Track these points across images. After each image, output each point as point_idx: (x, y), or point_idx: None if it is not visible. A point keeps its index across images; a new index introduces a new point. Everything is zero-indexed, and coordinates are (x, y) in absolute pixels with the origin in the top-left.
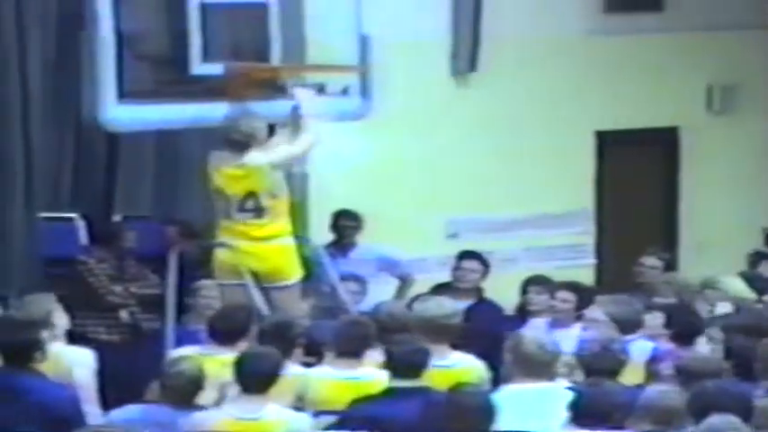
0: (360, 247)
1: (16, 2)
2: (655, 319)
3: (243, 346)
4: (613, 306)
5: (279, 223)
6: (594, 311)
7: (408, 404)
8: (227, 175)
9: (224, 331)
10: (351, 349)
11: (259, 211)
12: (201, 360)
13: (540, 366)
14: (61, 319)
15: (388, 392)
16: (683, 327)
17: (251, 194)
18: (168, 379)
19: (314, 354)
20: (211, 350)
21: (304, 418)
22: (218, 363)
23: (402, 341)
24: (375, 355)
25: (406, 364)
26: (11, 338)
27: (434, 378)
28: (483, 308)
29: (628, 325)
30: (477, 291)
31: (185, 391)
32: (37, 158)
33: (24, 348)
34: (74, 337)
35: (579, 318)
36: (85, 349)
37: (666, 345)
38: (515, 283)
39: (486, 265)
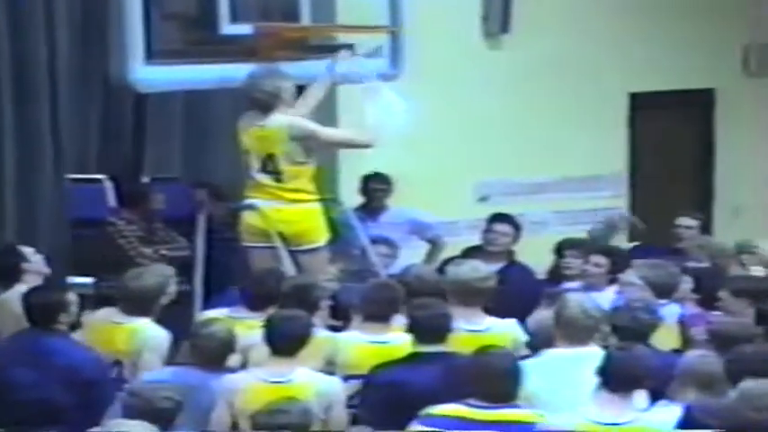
0: (390, 210)
1: None
2: (684, 284)
3: (272, 310)
4: (649, 270)
5: (301, 187)
6: (629, 275)
7: (431, 369)
8: (250, 134)
9: (255, 295)
10: (379, 313)
11: (278, 174)
12: (231, 323)
13: (583, 331)
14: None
15: (411, 357)
16: (712, 291)
17: (270, 156)
18: (199, 341)
19: (341, 317)
20: (241, 314)
21: (334, 381)
22: (246, 326)
23: (425, 305)
24: (403, 320)
25: (428, 328)
26: (35, 300)
27: (467, 342)
28: (515, 271)
29: (663, 289)
30: (509, 254)
31: (216, 354)
32: (64, 120)
33: (50, 310)
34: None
35: (613, 282)
36: (163, 331)
37: (694, 309)
38: (546, 246)
39: (517, 228)
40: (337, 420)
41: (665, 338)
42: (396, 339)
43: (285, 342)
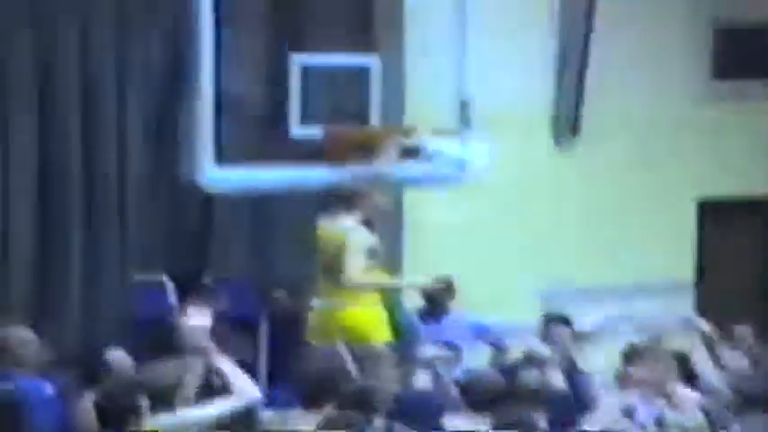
0: (453, 313)
1: (117, 65)
2: None
3: (328, 410)
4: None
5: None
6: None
7: None
8: (320, 235)
9: (310, 394)
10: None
11: (341, 276)
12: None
13: None
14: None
15: None
16: None
17: (335, 258)
18: None
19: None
20: (297, 413)
21: None
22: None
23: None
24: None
25: None
26: (106, 404)
27: None
28: (578, 379)
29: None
30: (569, 358)
31: None
32: (131, 219)
33: (120, 414)
34: None
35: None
36: None
37: None
38: (611, 353)
39: (573, 329)
40: None
41: None
42: None
43: None
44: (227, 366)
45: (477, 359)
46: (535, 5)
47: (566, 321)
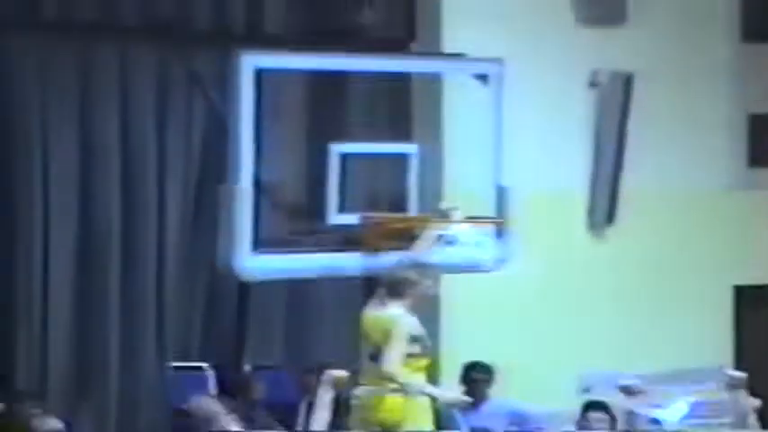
0: (492, 400)
1: (159, 151)
2: None
3: None
4: None
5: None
6: None
7: None
8: (365, 320)
9: None
10: None
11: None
12: None
13: None
14: None
15: None
16: None
17: (378, 345)
18: None
19: None
20: None
21: None
22: None
23: None
24: None
25: None
26: None
27: None
28: None
29: None
30: None
31: None
32: (169, 307)
33: None
34: None
35: None
36: None
37: None
38: None
39: (612, 416)
40: None
41: None
42: None
43: None
44: None
45: None
46: (573, 94)
47: (604, 407)
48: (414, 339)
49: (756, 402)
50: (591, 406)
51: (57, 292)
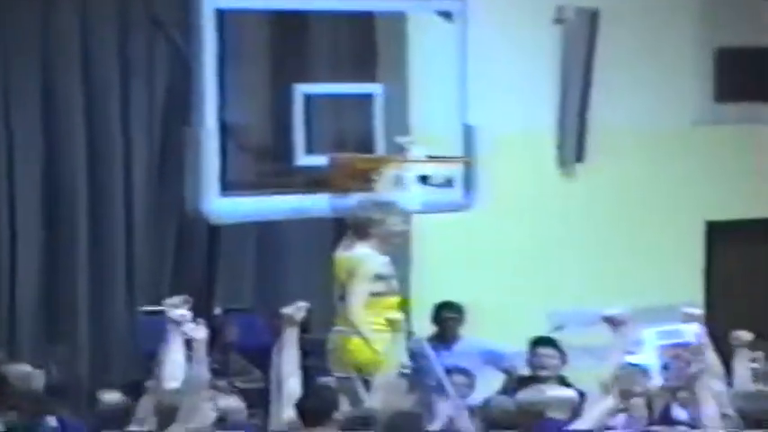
0: (463, 340)
1: (122, 94)
2: None
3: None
4: (742, 401)
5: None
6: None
7: None
8: (335, 262)
9: (308, 411)
10: None
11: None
12: None
13: None
14: None
15: None
16: None
17: (344, 285)
18: None
19: None
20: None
21: None
22: None
23: None
24: None
25: None
26: None
27: None
28: None
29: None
30: (560, 379)
31: None
32: (138, 252)
33: None
34: None
35: None
36: None
37: None
38: None
39: (561, 351)
40: None
41: None
42: None
43: None
44: None
45: (489, 385)
46: (538, 31)
47: (553, 344)
48: (378, 278)
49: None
50: (540, 342)
51: (24, 240)
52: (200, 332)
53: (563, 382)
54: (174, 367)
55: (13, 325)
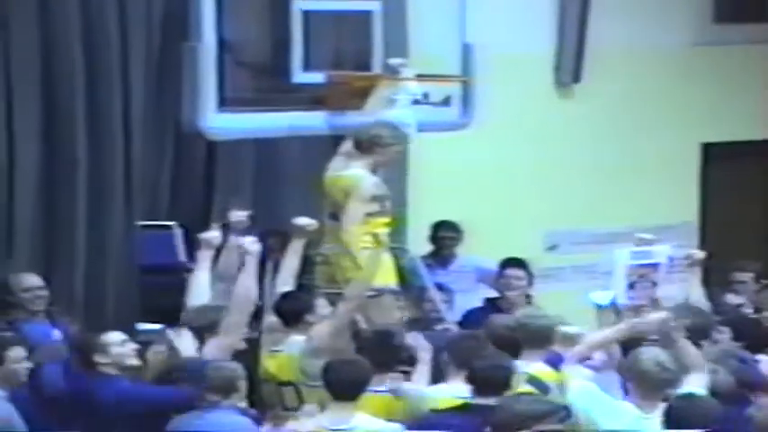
0: (459, 258)
1: (120, 11)
2: (721, 334)
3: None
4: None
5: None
6: None
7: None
8: (327, 179)
9: (287, 310)
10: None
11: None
12: None
13: (658, 386)
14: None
15: (462, 408)
16: (751, 340)
17: (337, 203)
18: None
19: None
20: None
21: (396, 428)
22: None
23: (487, 356)
24: None
25: (486, 380)
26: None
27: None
28: None
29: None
30: (527, 298)
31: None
32: (136, 167)
33: None
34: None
35: None
36: None
37: None
38: None
39: (529, 272)
40: None
41: None
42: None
43: (346, 387)
44: None
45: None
46: None
47: (522, 264)
48: (373, 199)
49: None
50: (508, 263)
51: (23, 158)
52: (254, 246)
53: (529, 301)
54: (200, 287)
55: (11, 240)
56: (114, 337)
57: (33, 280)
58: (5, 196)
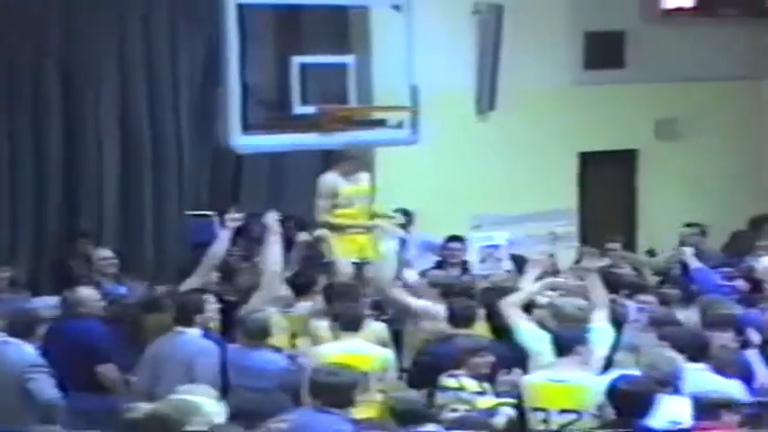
0: (412, 234)
1: (172, 65)
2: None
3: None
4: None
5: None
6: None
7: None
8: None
9: (298, 282)
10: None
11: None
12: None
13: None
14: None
15: (446, 338)
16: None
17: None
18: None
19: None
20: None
21: (389, 353)
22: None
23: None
24: None
25: (460, 317)
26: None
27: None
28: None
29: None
30: (464, 263)
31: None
32: (186, 171)
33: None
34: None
35: None
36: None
37: None
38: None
39: (464, 244)
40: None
41: None
42: None
43: (350, 318)
44: None
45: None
46: (461, 19)
47: (460, 239)
48: (334, 195)
49: None
50: (450, 239)
51: (107, 171)
52: (276, 224)
53: (465, 266)
54: (216, 256)
55: (101, 226)
56: (211, 299)
57: (106, 252)
58: (95, 193)
